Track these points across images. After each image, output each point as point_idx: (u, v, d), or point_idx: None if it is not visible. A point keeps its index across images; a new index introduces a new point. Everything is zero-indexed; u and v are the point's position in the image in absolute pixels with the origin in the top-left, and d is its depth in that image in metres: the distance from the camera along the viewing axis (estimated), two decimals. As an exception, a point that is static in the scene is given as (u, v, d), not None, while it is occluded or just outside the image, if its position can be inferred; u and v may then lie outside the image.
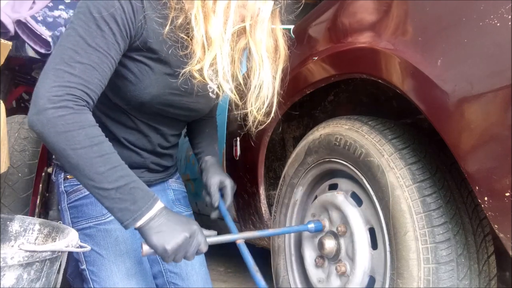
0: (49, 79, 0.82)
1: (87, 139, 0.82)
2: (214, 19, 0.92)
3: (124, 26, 0.90)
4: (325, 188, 1.20)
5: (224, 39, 0.93)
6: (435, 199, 0.87)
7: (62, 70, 0.83)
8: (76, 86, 0.83)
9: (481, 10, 0.72)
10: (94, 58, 0.86)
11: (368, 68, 0.97)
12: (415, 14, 0.87)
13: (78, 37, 0.85)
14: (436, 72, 0.79)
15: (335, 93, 1.38)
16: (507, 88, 0.67)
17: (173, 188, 1.34)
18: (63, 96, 0.81)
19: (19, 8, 1.66)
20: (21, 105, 2.43)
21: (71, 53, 0.84)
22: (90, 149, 0.82)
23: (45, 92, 0.81)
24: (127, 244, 1.10)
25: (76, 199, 1.13)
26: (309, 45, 1.23)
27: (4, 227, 1.00)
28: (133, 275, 1.06)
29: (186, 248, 0.90)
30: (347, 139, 1.05)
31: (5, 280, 0.74)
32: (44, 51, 1.65)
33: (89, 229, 1.09)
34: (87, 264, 1.07)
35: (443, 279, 0.84)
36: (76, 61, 0.84)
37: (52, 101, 0.80)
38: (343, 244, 1.07)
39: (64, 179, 1.16)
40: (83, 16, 0.87)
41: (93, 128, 0.85)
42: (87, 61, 0.85)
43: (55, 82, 0.82)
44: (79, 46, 0.85)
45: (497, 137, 0.69)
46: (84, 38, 0.85)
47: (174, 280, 1.19)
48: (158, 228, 0.87)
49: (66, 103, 0.81)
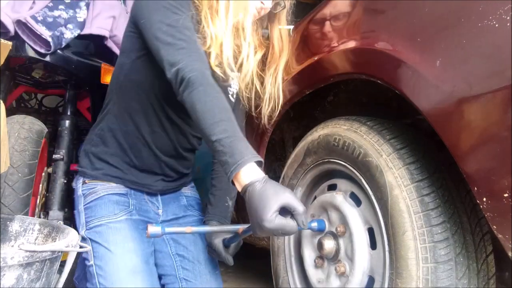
0: (175, 55, 0.99)
1: (204, 94, 0.94)
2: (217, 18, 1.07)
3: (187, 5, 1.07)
4: (324, 188, 1.21)
5: (225, 33, 1.07)
6: (433, 198, 0.87)
7: (174, 48, 1.00)
8: (194, 58, 1.00)
9: (480, 11, 0.72)
10: (189, 35, 1.02)
11: (367, 68, 0.98)
12: (414, 14, 0.87)
13: (167, 19, 1.02)
14: (435, 72, 0.79)
15: (335, 93, 1.38)
16: (506, 88, 0.67)
17: (185, 195, 1.36)
18: (190, 64, 0.97)
19: (19, 8, 1.66)
20: (21, 105, 2.42)
21: (173, 32, 1.01)
22: (203, 104, 0.92)
23: (177, 63, 0.97)
24: (136, 243, 1.13)
25: (92, 200, 1.18)
26: (309, 45, 1.23)
27: (4, 227, 1.00)
28: (138, 272, 1.08)
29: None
30: (345, 140, 1.05)
31: (5, 280, 0.75)
32: (44, 51, 1.65)
33: (101, 227, 1.13)
34: (95, 259, 1.10)
35: (441, 278, 0.84)
36: (178, 39, 1.01)
37: (184, 69, 0.96)
38: (342, 245, 1.07)
39: (83, 183, 1.22)
40: (159, 5, 1.03)
41: (210, 87, 0.96)
42: (186, 38, 1.02)
43: (179, 56, 0.98)
44: (172, 29, 1.01)
45: (496, 138, 0.69)
46: (172, 24, 1.01)
47: (187, 277, 1.22)
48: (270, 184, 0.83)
49: (192, 67, 0.96)
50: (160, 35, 1.01)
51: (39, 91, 2.30)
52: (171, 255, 1.25)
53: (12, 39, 1.59)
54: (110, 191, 1.19)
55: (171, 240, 1.26)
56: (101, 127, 1.23)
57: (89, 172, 1.23)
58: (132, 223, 1.16)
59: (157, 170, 1.23)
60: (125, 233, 1.13)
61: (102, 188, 1.19)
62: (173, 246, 1.26)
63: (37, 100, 2.50)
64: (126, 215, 1.17)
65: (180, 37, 1.00)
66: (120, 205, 1.18)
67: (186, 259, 1.24)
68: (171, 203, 1.31)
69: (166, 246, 1.26)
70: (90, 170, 1.23)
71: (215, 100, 0.94)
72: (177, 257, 1.24)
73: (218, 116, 0.91)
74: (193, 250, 1.25)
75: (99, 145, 1.22)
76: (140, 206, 1.22)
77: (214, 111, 0.91)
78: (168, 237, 1.26)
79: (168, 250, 1.25)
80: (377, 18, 0.98)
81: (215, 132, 0.88)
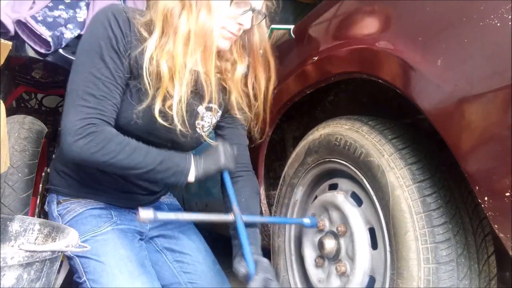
0: (71, 115, 0.96)
1: (118, 145, 0.98)
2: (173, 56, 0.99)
3: (120, 49, 0.99)
4: (325, 188, 1.20)
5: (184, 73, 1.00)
6: (435, 199, 0.87)
7: (79, 105, 0.96)
8: (94, 116, 0.96)
9: (481, 10, 0.72)
10: (103, 89, 0.97)
11: (368, 68, 0.97)
12: (415, 14, 0.87)
13: (86, 72, 0.97)
14: (436, 72, 0.79)
15: (335, 93, 1.38)
16: (507, 88, 0.67)
17: (166, 203, 1.36)
18: (85, 126, 0.95)
19: (19, 8, 1.66)
20: (21, 105, 2.43)
21: (83, 87, 0.97)
22: (124, 151, 0.98)
23: (70, 127, 0.95)
24: (127, 250, 1.08)
25: (71, 218, 1.13)
26: (309, 45, 1.23)
27: (4, 227, 1.00)
28: (137, 277, 1.04)
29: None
30: (347, 139, 1.05)
31: (5, 280, 0.74)
32: (44, 51, 1.65)
33: (86, 242, 1.06)
34: (86, 274, 1.05)
35: (443, 279, 0.84)
36: (89, 94, 0.96)
37: (78, 133, 0.95)
38: (343, 244, 1.07)
39: (58, 204, 1.18)
40: (86, 52, 0.99)
41: (117, 136, 0.99)
42: (97, 93, 0.97)
43: (76, 116, 0.95)
44: (88, 80, 0.97)
45: (497, 137, 0.69)
46: (91, 72, 0.97)
47: (191, 280, 1.20)
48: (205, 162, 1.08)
49: (89, 130, 0.95)
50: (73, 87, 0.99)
51: (39, 91, 2.30)
52: (169, 263, 1.22)
53: (12, 39, 1.59)
54: (89, 206, 1.15)
55: (165, 249, 1.24)
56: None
57: (62, 190, 1.18)
58: (119, 232, 1.12)
59: (132, 190, 1.19)
60: (114, 242, 1.08)
61: (79, 205, 1.15)
62: (168, 255, 1.23)
63: (37, 100, 2.50)
64: (111, 225, 1.12)
65: (92, 92, 0.97)
66: (103, 218, 1.13)
67: (185, 263, 1.21)
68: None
69: (162, 256, 1.23)
70: (64, 187, 1.18)
71: (130, 143, 1.00)
72: (176, 263, 1.22)
73: (142, 150, 1.01)
74: (189, 252, 1.23)
75: (68, 164, 1.17)
76: (123, 216, 1.18)
77: (136, 150, 1.00)
78: (160, 246, 1.24)
79: (164, 259, 1.22)
80: (378, 18, 0.98)
81: (152, 161, 1.01)
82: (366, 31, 1.00)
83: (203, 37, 0.99)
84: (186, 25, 0.98)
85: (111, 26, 0.98)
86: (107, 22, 0.98)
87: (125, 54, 1.00)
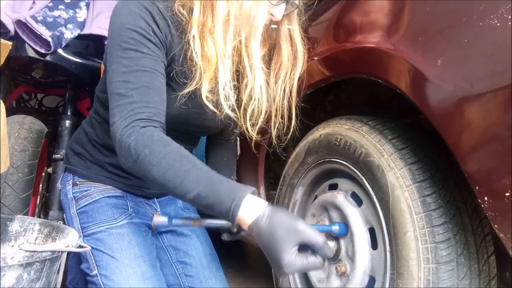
0: (116, 117, 0.89)
1: (153, 156, 0.84)
2: (213, 37, 0.94)
3: (156, 40, 0.94)
4: (325, 188, 1.20)
5: (225, 55, 0.95)
6: (435, 199, 0.87)
7: (123, 103, 0.89)
8: (139, 110, 0.88)
9: (481, 10, 0.72)
10: (145, 79, 0.91)
11: (368, 68, 0.97)
12: (415, 14, 0.87)
13: (123, 67, 0.91)
14: (436, 72, 0.79)
15: (335, 93, 1.38)
16: (507, 88, 0.67)
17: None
18: (131, 124, 0.87)
19: (19, 8, 1.66)
20: (21, 105, 2.43)
21: (124, 84, 0.90)
22: (157, 167, 0.83)
23: (117, 130, 0.88)
24: (141, 248, 1.07)
25: (86, 204, 1.11)
26: (309, 45, 1.23)
27: (4, 227, 1.00)
28: (148, 278, 1.03)
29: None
30: (347, 139, 1.05)
31: (5, 280, 0.74)
32: (44, 51, 1.65)
33: (100, 233, 1.07)
34: (99, 269, 1.03)
35: (443, 279, 0.84)
36: (131, 89, 0.90)
37: (124, 134, 0.86)
38: (343, 244, 1.07)
39: (73, 185, 1.15)
40: (119, 47, 0.92)
41: (156, 145, 0.85)
42: (140, 85, 0.90)
43: (121, 116, 0.88)
44: (127, 75, 0.91)
45: (497, 137, 0.69)
46: (129, 66, 0.91)
47: (192, 284, 1.18)
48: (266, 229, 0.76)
49: (132, 130, 0.86)
50: (113, 86, 0.92)
51: (39, 91, 2.30)
52: (172, 263, 1.20)
53: (12, 39, 1.60)
54: (106, 193, 1.13)
55: (170, 247, 1.22)
56: (87, 131, 1.17)
57: (80, 171, 1.16)
58: (134, 227, 1.10)
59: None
60: (129, 239, 1.07)
61: (96, 191, 1.13)
62: (173, 254, 1.21)
63: (37, 100, 2.50)
64: (127, 218, 1.11)
65: (133, 86, 0.90)
66: (119, 209, 1.12)
67: (188, 265, 1.19)
68: (168, 205, 1.27)
69: (166, 254, 1.21)
70: (82, 169, 1.16)
71: (168, 154, 0.84)
72: (179, 264, 1.20)
73: (180, 169, 0.82)
74: (194, 254, 1.21)
75: (87, 148, 1.16)
76: (138, 208, 1.17)
77: (174, 167, 0.82)
78: (166, 244, 1.22)
79: (168, 258, 1.20)
80: (378, 18, 0.98)
81: (189, 189, 0.81)
82: (366, 31, 1.00)
83: (247, 19, 0.95)
84: (225, 6, 0.94)
85: (142, 16, 0.93)
86: (138, 12, 0.93)
87: (162, 43, 0.96)
